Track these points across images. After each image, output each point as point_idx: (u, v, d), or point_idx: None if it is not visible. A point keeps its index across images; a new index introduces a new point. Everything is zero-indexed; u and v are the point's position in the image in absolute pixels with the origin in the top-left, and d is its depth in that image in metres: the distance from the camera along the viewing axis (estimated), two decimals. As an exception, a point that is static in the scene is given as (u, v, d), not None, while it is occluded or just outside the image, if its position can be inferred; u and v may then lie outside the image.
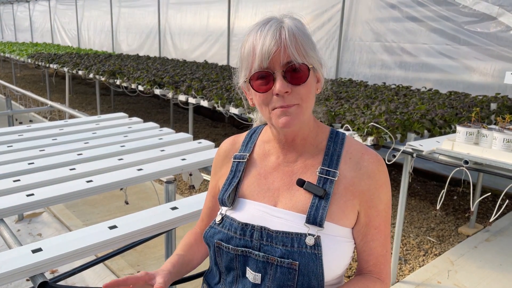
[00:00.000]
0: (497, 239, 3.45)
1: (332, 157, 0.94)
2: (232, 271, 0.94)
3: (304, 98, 0.88)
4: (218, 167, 1.07)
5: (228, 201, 0.97)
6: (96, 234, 1.30)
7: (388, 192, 0.95)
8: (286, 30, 0.86)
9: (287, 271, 0.87)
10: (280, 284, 0.88)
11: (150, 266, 2.99)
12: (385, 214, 0.95)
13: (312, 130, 0.97)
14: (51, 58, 7.93)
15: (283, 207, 0.92)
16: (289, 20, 0.89)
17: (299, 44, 0.86)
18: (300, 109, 0.88)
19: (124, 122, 2.80)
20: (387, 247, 0.96)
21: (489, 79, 4.44)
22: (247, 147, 1.04)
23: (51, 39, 14.54)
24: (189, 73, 5.78)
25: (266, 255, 0.89)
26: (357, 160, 0.94)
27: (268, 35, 0.85)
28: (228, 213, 0.97)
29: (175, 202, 1.54)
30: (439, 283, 2.82)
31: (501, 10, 4.28)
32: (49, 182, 1.72)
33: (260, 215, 0.93)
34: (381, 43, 5.35)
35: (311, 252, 0.86)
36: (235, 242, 0.92)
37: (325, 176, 0.92)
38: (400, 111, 3.07)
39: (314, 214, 0.88)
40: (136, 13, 10.05)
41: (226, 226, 0.94)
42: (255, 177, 0.98)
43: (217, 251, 0.95)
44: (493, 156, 2.15)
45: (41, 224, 3.63)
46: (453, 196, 4.41)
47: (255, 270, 0.90)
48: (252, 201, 0.96)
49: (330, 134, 0.98)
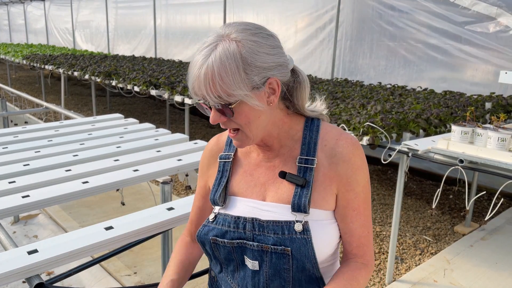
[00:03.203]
0: (493, 238, 3.47)
1: (309, 145, 0.97)
2: (232, 261, 1.00)
3: (242, 124, 0.90)
4: (205, 168, 1.10)
5: (219, 200, 1.01)
6: (92, 235, 1.30)
7: (365, 174, 0.98)
8: (207, 67, 0.84)
9: (281, 256, 0.93)
10: (277, 268, 0.95)
11: (146, 267, 2.98)
12: (364, 196, 0.98)
13: (284, 126, 0.99)
14: (46, 59, 7.90)
15: (271, 200, 0.97)
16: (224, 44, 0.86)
17: (216, 86, 0.84)
18: (243, 135, 0.92)
19: (120, 123, 2.80)
20: (368, 228, 0.99)
21: (491, 78, 4.46)
22: (231, 146, 1.07)
23: (46, 40, 14.48)
24: (185, 73, 5.77)
25: (260, 244, 0.94)
26: (332, 146, 0.96)
27: (195, 69, 0.86)
28: (221, 211, 1.01)
29: (171, 202, 1.54)
30: (436, 282, 2.83)
31: (500, 11, 4.31)
32: (45, 183, 1.71)
33: (250, 210, 0.98)
34: (379, 43, 5.37)
35: (301, 238, 0.92)
36: (230, 235, 0.97)
37: (304, 165, 0.96)
38: (395, 111, 3.08)
39: (298, 202, 0.93)
40: (131, 14, 10.03)
41: (220, 222, 0.99)
42: (241, 174, 1.02)
43: (214, 246, 0.99)
44: (487, 155, 2.16)
45: (37, 225, 3.61)
46: (449, 195, 4.43)
47: (252, 258, 0.96)
48: (242, 198, 1.00)
49: (305, 122, 1.01)
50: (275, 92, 0.92)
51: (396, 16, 5.13)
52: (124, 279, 2.83)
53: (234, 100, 0.87)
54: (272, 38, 0.91)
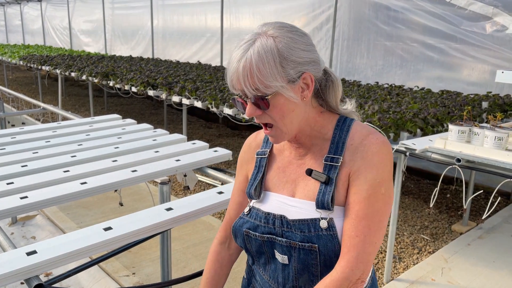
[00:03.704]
0: (490, 236, 3.48)
1: (338, 145, 0.99)
2: (263, 254, 1.05)
3: (277, 119, 0.95)
4: (245, 162, 1.16)
5: (255, 194, 1.06)
6: (91, 236, 1.30)
7: (377, 174, 0.93)
8: (246, 60, 0.89)
9: (309, 252, 0.96)
10: (305, 263, 0.98)
11: (145, 267, 2.98)
12: (366, 195, 0.93)
13: (316, 125, 1.02)
14: (43, 60, 7.88)
15: (299, 196, 1.01)
16: (262, 40, 0.91)
17: (254, 78, 0.89)
18: (278, 130, 0.96)
19: (117, 124, 2.80)
20: (359, 231, 0.92)
21: (487, 77, 4.48)
22: (268, 143, 1.12)
23: (43, 41, 14.44)
24: (182, 74, 5.77)
25: (288, 240, 0.98)
26: (357, 145, 0.97)
27: (234, 63, 0.91)
28: (255, 205, 1.06)
29: (170, 203, 1.54)
30: (433, 281, 2.84)
31: (496, 10, 4.32)
32: (43, 184, 1.71)
33: (279, 205, 1.02)
34: (376, 42, 5.38)
35: (327, 234, 0.94)
36: (261, 229, 1.02)
37: (329, 163, 0.98)
38: (393, 110, 3.09)
39: (322, 199, 0.96)
40: (129, 15, 10.02)
41: (253, 216, 1.04)
42: (275, 170, 1.07)
43: (246, 238, 1.05)
44: (484, 154, 2.17)
45: (35, 227, 3.61)
46: (446, 194, 4.45)
47: (281, 253, 1.00)
48: (274, 193, 1.05)
49: (337, 122, 1.02)
50: (308, 87, 0.96)
51: (393, 16, 5.14)
52: (123, 279, 2.83)
53: (271, 92, 0.91)
54: (306, 36, 0.96)
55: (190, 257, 3.13)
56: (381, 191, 0.93)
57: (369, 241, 0.92)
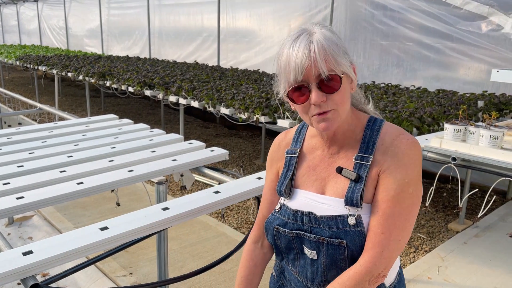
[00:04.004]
0: (486, 235, 3.50)
1: (368, 144, 1.02)
2: (292, 250, 1.09)
3: (339, 103, 0.97)
4: (275, 161, 1.18)
5: (285, 192, 1.10)
6: (87, 236, 1.30)
7: (407, 174, 0.96)
8: (315, 44, 0.93)
9: (337, 248, 0.99)
10: (334, 258, 1.00)
11: (142, 267, 2.98)
12: (394, 194, 0.96)
13: (351, 123, 1.05)
14: (39, 60, 7.86)
15: (328, 194, 1.03)
16: (318, 31, 0.95)
17: (329, 55, 0.93)
18: (336, 114, 0.97)
19: (114, 124, 2.79)
20: (385, 228, 0.95)
21: (483, 76, 4.50)
22: (297, 142, 1.14)
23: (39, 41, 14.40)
24: (179, 74, 5.77)
25: (317, 236, 1.01)
26: (387, 145, 1.00)
27: (300, 50, 0.93)
28: (285, 202, 1.09)
29: (166, 202, 1.54)
30: (430, 279, 2.85)
31: (491, 10, 4.34)
32: (39, 184, 1.71)
33: (308, 202, 1.05)
34: (372, 42, 5.39)
35: (355, 230, 0.97)
36: (290, 226, 1.06)
37: (360, 162, 1.01)
38: (389, 110, 3.10)
39: (351, 197, 0.98)
40: (125, 15, 10.00)
41: (282, 213, 1.08)
42: (305, 169, 1.10)
43: (276, 234, 1.09)
44: (480, 152, 2.18)
45: (31, 227, 3.60)
46: (443, 193, 4.46)
47: (310, 248, 1.04)
48: (304, 190, 1.08)
49: (368, 122, 1.05)
50: (353, 81, 1.01)
51: (389, 16, 5.15)
52: (120, 279, 2.83)
53: (341, 71, 0.95)
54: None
55: (187, 256, 3.14)
56: (409, 190, 0.96)
57: (394, 239, 0.95)
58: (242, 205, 4.14)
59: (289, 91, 0.98)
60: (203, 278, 2.84)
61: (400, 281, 1.13)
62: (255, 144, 6.32)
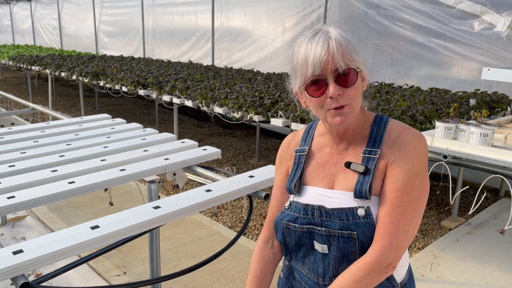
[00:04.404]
0: (479, 232, 3.52)
1: (376, 139, 1.06)
2: (302, 247, 1.11)
3: (353, 98, 1.00)
4: (284, 160, 1.21)
5: (294, 189, 1.12)
6: (78, 235, 1.30)
7: (413, 166, 1.00)
8: (333, 40, 0.97)
9: (348, 240, 1.01)
10: (345, 251, 1.02)
11: (136, 267, 2.98)
12: (402, 185, 0.99)
13: (360, 121, 1.09)
14: (32, 60, 7.82)
15: (337, 188, 1.07)
16: (333, 30, 1.00)
17: (345, 51, 0.98)
18: (351, 109, 1.01)
19: (107, 123, 2.79)
20: (393, 218, 0.98)
21: (476, 75, 4.53)
22: (306, 141, 1.18)
23: (33, 41, 14.32)
24: (173, 73, 5.76)
25: (328, 229, 1.03)
26: (394, 139, 1.04)
27: (318, 46, 0.97)
28: (295, 199, 1.12)
29: (158, 201, 1.54)
30: (422, 276, 2.87)
31: (484, 9, 4.37)
32: (30, 184, 1.71)
33: (317, 197, 1.08)
34: (366, 41, 5.41)
35: (365, 222, 1.00)
36: (301, 221, 1.07)
37: (368, 156, 1.04)
38: (381, 108, 3.11)
39: (360, 189, 1.01)
40: (119, 14, 9.97)
41: (293, 209, 1.10)
42: (314, 166, 1.13)
43: (286, 231, 1.11)
44: (470, 150, 2.20)
45: (24, 228, 3.59)
46: (436, 191, 4.49)
47: (321, 242, 1.05)
48: (313, 186, 1.11)
49: (375, 119, 1.10)
50: (364, 80, 1.05)
51: (382, 15, 5.17)
52: (114, 279, 2.83)
53: (356, 67, 0.99)
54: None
55: (181, 256, 3.14)
56: (416, 181, 1.00)
57: (402, 229, 0.98)
58: (236, 204, 4.14)
59: (306, 84, 1.01)
60: (197, 277, 2.84)
61: (410, 278, 1.15)
62: (250, 144, 6.33)
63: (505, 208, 4.03)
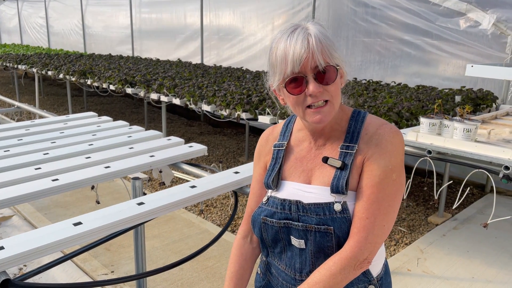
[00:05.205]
0: (465, 227, 3.57)
1: (353, 134, 1.06)
2: (279, 242, 1.10)
3: (333, 95, 1.00)
4: (262, 155, 1.21)
5: (272, 184, 1.12)
6: (60, 231, 1.29)
7: (390, 161, 1.00)
8: (313, 37, 0.96)
9: (324, 235, 1.01)
10: (321, 246, 1.03)
11: (124, 265, 2.97)
12: (378, 180, 0.99)
13: (338, 116, 1.08)
14: (19, 59, 7.73)
15: (314, 183, 1.06)
16: (312, 26, 0.99)
17: (325, 48, 0.97)
18: (331, 107, 1.01)
19: (93, 121, 2.77)
20: (370, 213, 0.98)
21: (461, 72, 4.57)
22: (285, 136, 1.17)
23: (20, 40, 14.15)
24: (161, 71, 5.74)
25: (305, 224, 1.03)
26: (371, 134, 1.04)
27: (298, 43, 0.96)
28: (272, 194, 1.12)
29: (142, 197, 1.54)
30: (409, 271, 2.90)
31: (469, 6, 4.42)
32: (13, 182, 1.69)
33: (295, 192, 1.07)
34: (355, 39, 5.44)
35: (341, 217, 1.00)
36: (278, 216, 1.07)
37: (345, 151, 1.05)
38: (368, 105, 3.13)
39: (336, 184, 1.01)
40: (108, 13, 9.89)
41: (270, 204, 1.10)
42: (293, 161, 1.12)
43: (263, 226, 1.10)
44: (454, 145, 2.23)
45: (11, 227, 3.55)
46: (423, 187, 4.53)
47: (298, 238, 1.05)
48: (291, 181, 1.11)
49: (352, 114, 1.10)
50: (342, 77, 1.04)
51: (370, 13, 5.21)
52: (101, 278, 2.81)
53: (336, 64, 0.99)
54: None
55: (169, 254, 3.13)
56: (393, 177, 1.00)
57: (378, 224, 0.98)
58: (225, 202, 4.14)
59: (285, 82, 1.00)
60: (185, 275, 2.84)
61: (386, 272, 1.17)
62: (239, 142, 6.33)
63: (490, 203, 4.08)
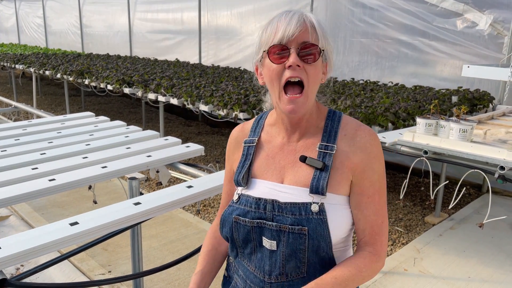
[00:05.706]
0: (461, 227, 3.58)
1: (330, 134, 1.05)
2: (250, 243, 1.06)
3: (311, 78, 0.99)
4: (231, 153, 1.18)
5: (242, 181, 1.08)
6: (57, 231, 1.30)
7: (380, 164, 1.04)
8: (309, 17, 0.99)
9: (298, 236, 0.99)
10: (294, 248, 1.00)
11: (121, 265, 2.97)
12: (379, 185, 1.04)
13: (314, 112, 1.07)
14: (16, 59, 7.72)
15: (289, 183, 1.04)
16: (309, 13, 1.02)
17: (317, 30, 0.98)
18: (305, 98, 0.99)
19: (90, 121, 2.77)
20: (381, 217, 1.04)
21: (458, 72, 4.59)
22: (255, 132, 1.15)
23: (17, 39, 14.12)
24: (159, 71, 5.74)
25: (279, 224, 1.01)
26: (351, 136, 1.04)
27: (294, 19, 0.97)
28: (243, 192, 1.08)
29: (138, 197, 1.54)
30: (406, 271, 2.91)
31: (466, 7, 4.44)
32: (10, 182, 1.69)
33: (269, 191, 1.05)
34: (352, 39, 5.45)
35: (317, 218, 0.98)
36: (251, 215, 1.04)
37: (324, 151, 1.03)
38: (365, 105, 3.14)
39: (316, 184, 1.00)
40: (106, 12, 9.88)
41: (243, 203, 1.06)
42: (264, 158, 1.10)
43: (235, 226, 1.06)
44: (450, 145, 2.24)
45: (8, 227, 3.55)
46: (421, 187, 4.55)
47: (270, 238, 1.02)
48: (263, 180, 1.08)
49: (328, 113, 1.10)
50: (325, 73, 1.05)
51: (368, 14, 5.22)
52: (98, 278, 2.81)
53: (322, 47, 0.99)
54: None
55: (167, 254, 3.13)
56: (384, 178, 1.06)
57: (386, 224, 1.06)
58: (222, 202, 4.14)
59: (269, 50, 0.99)
60: (182, 275, 2.84)
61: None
62: (237, 142, 6.32)
63: (487, 203, 4.10)
